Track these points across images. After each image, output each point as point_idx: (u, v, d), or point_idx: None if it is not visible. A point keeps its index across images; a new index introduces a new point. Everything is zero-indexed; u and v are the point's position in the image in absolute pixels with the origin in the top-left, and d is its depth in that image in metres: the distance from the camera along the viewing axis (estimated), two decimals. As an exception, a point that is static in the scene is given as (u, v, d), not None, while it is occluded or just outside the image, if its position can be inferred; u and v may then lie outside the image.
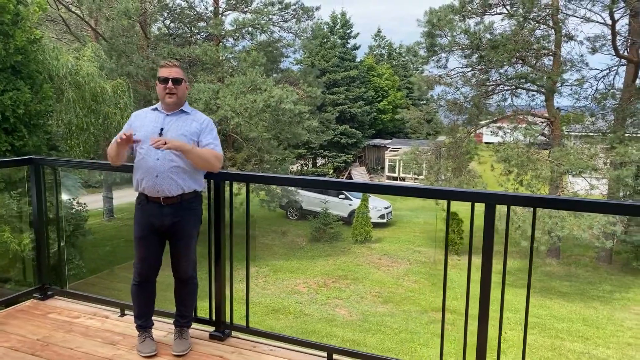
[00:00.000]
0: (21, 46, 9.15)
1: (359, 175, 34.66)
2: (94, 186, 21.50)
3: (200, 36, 20.81)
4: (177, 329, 2.88)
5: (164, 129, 2.70)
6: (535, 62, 17.43)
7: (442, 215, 16.26)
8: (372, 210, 20.57)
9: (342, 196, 21.91)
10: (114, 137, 2.74)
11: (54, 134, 11.26)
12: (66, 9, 17.70)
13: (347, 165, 34.65)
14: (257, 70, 16.91)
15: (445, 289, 2.57)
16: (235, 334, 3.03)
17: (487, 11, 17.17)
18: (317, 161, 35.02)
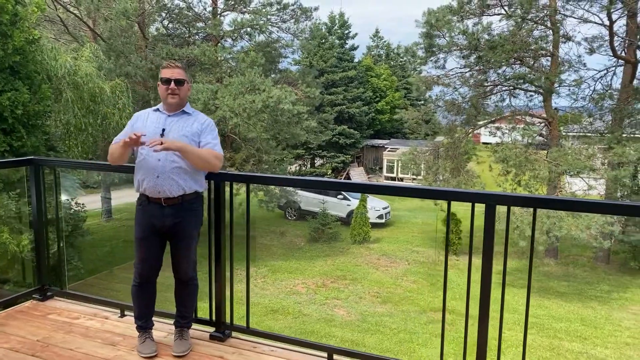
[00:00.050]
0: (19, 46, 9.15)
1: (357, 175, 34.65)
2: (92, 187, 21.47)
3: (198, 36, 20.83)
4: (177, 329, 2.88)
5: (165, 129, 2.70)
6: (533, 62, 17.46)
7: (442, 215, 16.28)
8: (370, 210, 20.61)
9: (340, 196, 21.92)
10: (112, 137, 2.74)
11: (52, 134, 11.23)
12: (64, 10, 17.68)
13: (346, 165, 34.64)
14: (255, 70, 16.92)
15: (445, 290, 2.57)
16: (235, 334, 3.02)
17: (485, 12, 17.20)
18: (316, 161, 35.01)
